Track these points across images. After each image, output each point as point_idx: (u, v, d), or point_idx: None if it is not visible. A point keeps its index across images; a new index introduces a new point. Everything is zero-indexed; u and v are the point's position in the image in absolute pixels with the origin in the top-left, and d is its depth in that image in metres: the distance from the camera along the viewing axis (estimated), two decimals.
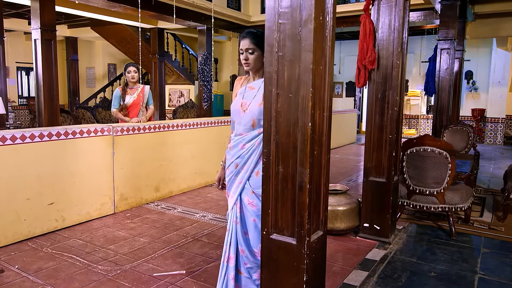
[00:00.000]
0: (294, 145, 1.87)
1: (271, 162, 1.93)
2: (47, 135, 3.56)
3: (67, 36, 11.66)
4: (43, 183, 3.56)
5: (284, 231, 1.95)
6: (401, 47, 3.26)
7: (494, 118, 11.06)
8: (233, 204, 2.25)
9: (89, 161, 3.94)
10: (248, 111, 2.17)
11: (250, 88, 2.23)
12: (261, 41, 2.13)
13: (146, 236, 3.58)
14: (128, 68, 4.61)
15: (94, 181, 4.01)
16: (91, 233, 3.64)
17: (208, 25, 9.26)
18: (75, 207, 3.83)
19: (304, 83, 1.80)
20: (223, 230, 3.75)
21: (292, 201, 1.91)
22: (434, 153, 3.57)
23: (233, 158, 2.23)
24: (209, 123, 5.54)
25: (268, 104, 1.92)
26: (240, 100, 2.24)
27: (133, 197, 4.45)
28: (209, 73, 9.56)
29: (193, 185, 5.33)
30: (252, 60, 2.16)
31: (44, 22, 5.79)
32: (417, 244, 3.51)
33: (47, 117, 5.94)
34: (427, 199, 3.72)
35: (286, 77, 1.86)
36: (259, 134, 2.13)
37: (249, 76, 2.33)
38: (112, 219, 4.06)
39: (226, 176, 2.32)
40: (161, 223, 3.92)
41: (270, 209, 1.97)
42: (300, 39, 1.80)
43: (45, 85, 5.86)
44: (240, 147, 2.19)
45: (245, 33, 2.19)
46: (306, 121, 1.81)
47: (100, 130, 4.00)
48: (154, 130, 4.65)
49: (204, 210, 4.41)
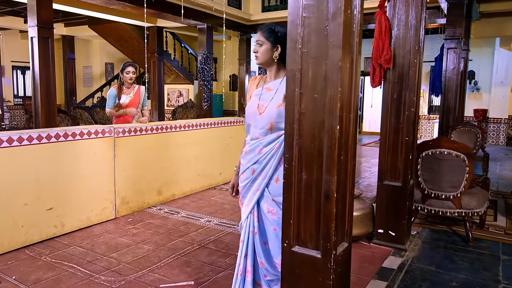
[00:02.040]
0: (319, 150, 1.71)
1: (293, 168, 1.77)
2: (46, 137, 3.38)
3: (63, 35, 11.46)
4: (41, 188, 3.39)
5: (308, 243, 1.79)
6: (418, 45, 3.11)
7: (496, 119, 10.96)
8: (248, 212, 2.08)
9: (90, 164, 3.76)
10: (265, 114, 2.01)
11: (267, 89, 2.07)
12: (273, 35, 2.01)
13: (150, 243, 3.41)
14: (127, 68, 4.43)
15: (95, 184, 3.84)
16: (92, 240, 3.46)
17: (209, 24, 9.11)
18: (75, 212, 3.66)
19: (332, 82, 1.65)
20: (231, 237, 3.58)
21: (316, 211, 1.76)
22: (451, 156, 3.43)
23: (249, 164, 2.07)
24: (213, 123, 5.38)
25: (290, 105, 1.76)
26: (256, 101, 2.08)
27: (135, 201, 4.27)
28: (209, 72, 9.40)
29: (196, 188, 5.16)
30: (261, 53, 2.03)
31: (41, 20, 5.59)
32: (433, 251, 3.36)
33: (44, 117, 5.75)
34: (443, 204, 3.58)
35: (311, 76, 1.71)
36: (277, 138, 1.98)
37: (265, 76, 2.18)
38: (114, 224, 3.88)
39: (241, 182, 2.16)
40: (165, 229, 3.75)
41: (292, 220, 1.81)
42: (327, 34, 1.65)
43: (42, 84, 5.67)
44: (257, 151, 2.03)
45: (260, 26, 2.06)
46: (333, 123, 1.65)
47: (101, 132, 3.83)
48: (157, 131, 4.48)
49: (209, 214, 4.24)
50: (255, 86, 2.17)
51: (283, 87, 2.01)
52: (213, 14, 8.93)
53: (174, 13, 8.05)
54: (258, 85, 2.16)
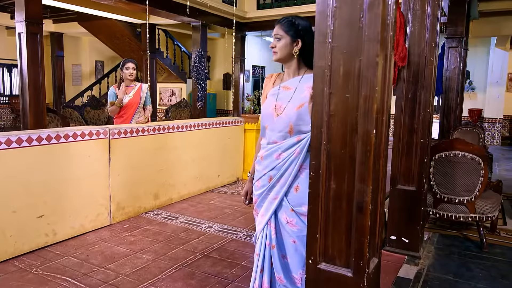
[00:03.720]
0: (351, 156, 1.53)
1: (320, 176, 1.59)
2: (36, 139, 3.14)
3: (52, 32, 11.10)
4: (31, 194, 3.15)
5: (336, 260, 1.61)
6: (435, 42, 2.95)
7: (491, 119, 10.94)
8: (265, 223, 1.89)
9: (83, 167, 3.53)
10: (283, 116, 1.82)
11: (285, 88, 1.88)
12: (293, 28, 1.82)
13: (149, 252, 3.20)
14: (127, 64, 4.20)
15: (89, 189, 3.60)
16: (87, 249, 3.23)
17: (203, 21, 8.88)
18: (68, 219, 3.42)
19: (367, 80, 1.46)
20: (235, 244, 3.39)
21: (347, 224, 1.58)
22: (466, 159, 3.28)
23: (266, 170, 1.88)
24: (211, 124, 5.17)
25: (318, 106, 1.57)
26: (272, 102, 1.89)
27: (131, 206, 4.05)
28: (204, 71, 9.17)
29: (194, 191, 4.95)
30: (279, 48, 1.83)
31: (30, 14, 5.31)
32: (448, 258, 3.21)
33: (32, 117, 5.46)
34: (456, 208, 3.43)
35: (342, 73, 1.53)
36: (298, 142, 1.79)
37: (282, 74, 1.99)
38: (109, 231, 3.65)
39: (255, 190, 1.96)
40: (164, 236, 3.54)
41: (319, 234, 1.63)
42: (362, 27, 1.47)
43: (31, 82, 5.38)
44: (275, 157, 1.84)
45: (279, 19, 1.86)
46: (369, 127, 1.47)
47: (96, 133, 3.59)
48: (154, 132, 4.25)
49: (210, 219, 4.04)
50: (271, 85, 1.98)
51: (303, 86, 1.83)
52: (208, 11, 8.71)
53: (168, 10, 7.81)
54: (275, 83, 1.97)
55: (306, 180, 1.79)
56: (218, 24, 9.52)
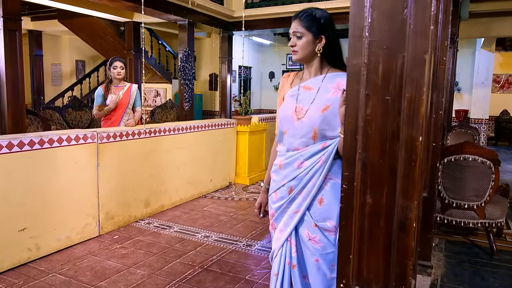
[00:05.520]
0: (392, 167, 1.34)
1: (354, 189, 1.39)
2: (17, 145, 2.85)
3: (30, 30, 10.62)
4: (12, 205, 2.86)
5: (373, 284, 1.42)
6: (447, 41, 2.81)
7: (477, 119, 11.03)
8: (284, 240, 1.69)
9: (69, 174, 3.25)
10: (306, 119, 1.62)
11: (306, 88, 1.68)
12: (315, 24, 1.60)
13: (143, 266, 2.95)
14: (115, 62, 3.93)
15: (75, 198, 3.33)
16: (74, 265, 2.96)
17: (190, 20, 8.60)
18: (52, 231, 3.14)
19: (413, 80, 1.28)
20: (235, 255, 3.17)
21: (385, 243, 1.39)
22: (476, 163, 3.15)
23: (285, 180, 1.67)
24: (202, 126, 4.93)
25: (352, 110, 1.38)
26: (292, 104, 1.69)
27: (121, 214, 3.78)
28: (191, 71, 8.89)
29: (186, 197, 4.70)
30: (299, 47, 1.62)
31: (7, 10, 4.95)
32: (460, 266, 3.08)
33: (10, 119, 5.09)
34: (465, 214, 3.30)
35: (382, 72, 1.34)
36: (323, 149, 1.59)
37: (300, 72, 1.79)
38: (98, 243, 3.38)
39: (273, 202, 1.76)
40: (159, 248, 3.29)
41: (352, 255, 1.44)
42: (406, 19, 1.28)
43: (9, 82, 5.02)
44: (296, 166, 1.64)
45: (298, 12, 1.66)
46: (414, 133, 1.29)
47: (83, 137, 3.32)
48: (144, 136, 4.00)
49: (205, 228, 3.80)
50: (288, 85, 1.78)
51: (327, 86, 1.63)
52: (195, 9, 8.45)
53: (154, 7, 7.51)
54: (293, 83, 1.77)
55: (331, 192, 1.60)
56: (205, 23, 9.26)
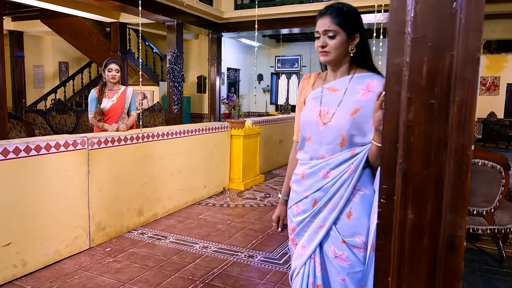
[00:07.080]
0: (438, 179, 1.19)
1: (394, 204, 1.24)
2: (1, 152, 2.62)
3: (11, 30, 10.24)
4: None
5: None
6: None
7: None
8: (307, 257, 1.53)
9: (58, 184, 3.03)
10: (333, 124, 1.47)
11: (331, 90, 1.53)
12: (349, 21, 1.44)
13: (140, 282, 2.75)
14: (110, 65, 3.71)
15: (64, 209, 3.10)
16: (64, 282, 2.74)
17: (179, 21, 8.41)
18: (40, 246, 2.91)
19: (464, 81, 1.13)
20: (238, 268, 3.00)
21: (429, 264, 1.24)
22: (486, 167, 3.06)
23: (309, 191, 1.52)
24: (196, 130, 4.74)
25: (392, 115, 1.23)
26: (316, 107, 1.53)
27: (113, 225, 3.56)
28: (180, 73, 8.69)
29: (180, 205, 4.50)
30: (333, 48, 1.45)
31: None
32: (471, 275, 2.97)
33: None
34: (474, 220, 3.20)
35: (426, 72, 1.19)
36: (352, 157, 1.44)
37: (323, 73, 1.63)
38: (89, 257, 3.17)
39: (294, 216, 1.60)
40: (155, 261, 3.10)
41: (391, 276, 1.28)
42: (456, 13, 1.14)
43: None
44: (321, 175, 1.48)
45: (325, 8, 1.49)
46: (465, 141, 1.14)
47: (72, 143, 3.10)
48: (137, 141, 3.79)
49: (203, 238, 3.62)
50: (310, 87, 1.62)
51: (354, 87, 1.48)
52: (184, 10, 8.25)
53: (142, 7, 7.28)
54: (315, 85, 1.61)
55: (361, 205, 1.46)
56: (194, 24, 9.08)
